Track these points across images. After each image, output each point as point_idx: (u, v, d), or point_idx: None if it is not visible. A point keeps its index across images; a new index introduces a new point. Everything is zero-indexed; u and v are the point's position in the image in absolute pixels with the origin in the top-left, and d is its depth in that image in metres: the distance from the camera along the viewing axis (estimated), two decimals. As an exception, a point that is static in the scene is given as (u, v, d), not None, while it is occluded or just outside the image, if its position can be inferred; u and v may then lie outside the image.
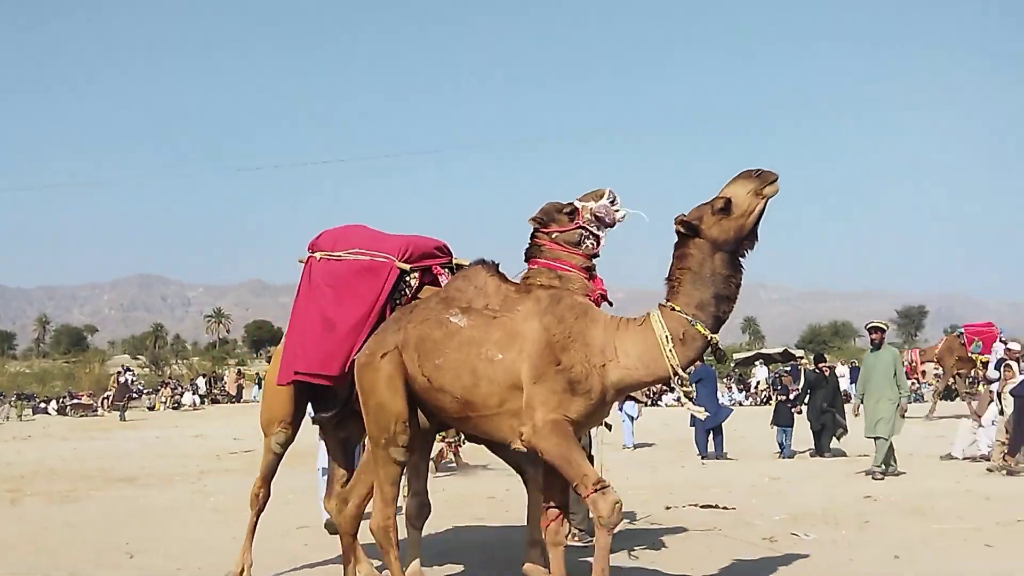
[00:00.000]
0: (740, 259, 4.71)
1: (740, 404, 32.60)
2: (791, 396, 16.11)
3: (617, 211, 5.18)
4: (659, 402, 31.74)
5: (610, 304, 5.23)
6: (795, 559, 7.00)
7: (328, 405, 6.14)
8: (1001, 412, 12.74)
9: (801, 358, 36.78)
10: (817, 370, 15.91)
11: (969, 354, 21.30)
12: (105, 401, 36.27)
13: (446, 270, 6.13)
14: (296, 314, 6.32)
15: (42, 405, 36.39)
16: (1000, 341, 17.99)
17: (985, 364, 18.95)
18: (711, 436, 15.40)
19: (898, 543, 7.59)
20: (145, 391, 39.32)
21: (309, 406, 6.43)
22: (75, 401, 36.47)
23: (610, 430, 9.67)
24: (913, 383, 26.23)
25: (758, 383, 36.69)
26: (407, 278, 5.95)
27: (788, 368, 32.17)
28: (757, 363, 40.15)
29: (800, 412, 15.47)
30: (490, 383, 4.68)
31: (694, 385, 12.01)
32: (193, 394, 39.44)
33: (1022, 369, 13.32)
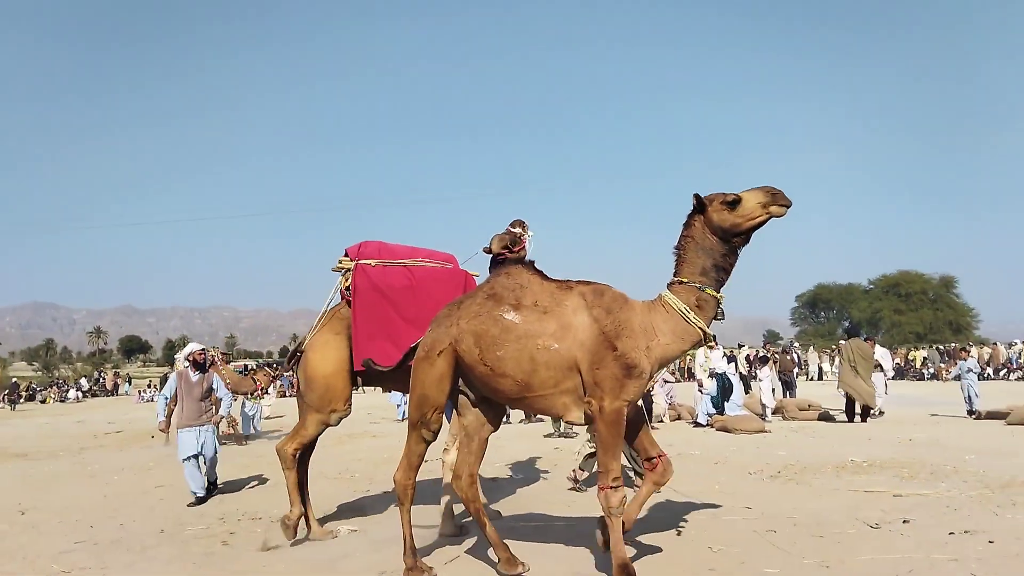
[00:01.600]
0: (735, 247, 4.70)
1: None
2: None
3: (530, 234, 6.48)
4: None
5: None
6: (509, 488, 8.31)
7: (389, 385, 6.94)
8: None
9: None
10: None
11: None
12: (4, 397, 37.08)
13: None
14: (365, 310, 6.45)
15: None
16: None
17: None
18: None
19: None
20: (39, 389, 41.23)
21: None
22: (-20, 398, 37.46)
23: None
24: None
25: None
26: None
27: None
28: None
29: None
30: (547, 369, 4.61)
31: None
32: (77, 391, 40.92)
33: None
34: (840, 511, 6.62)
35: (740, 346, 38.74)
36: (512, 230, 6.51)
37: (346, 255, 6.82)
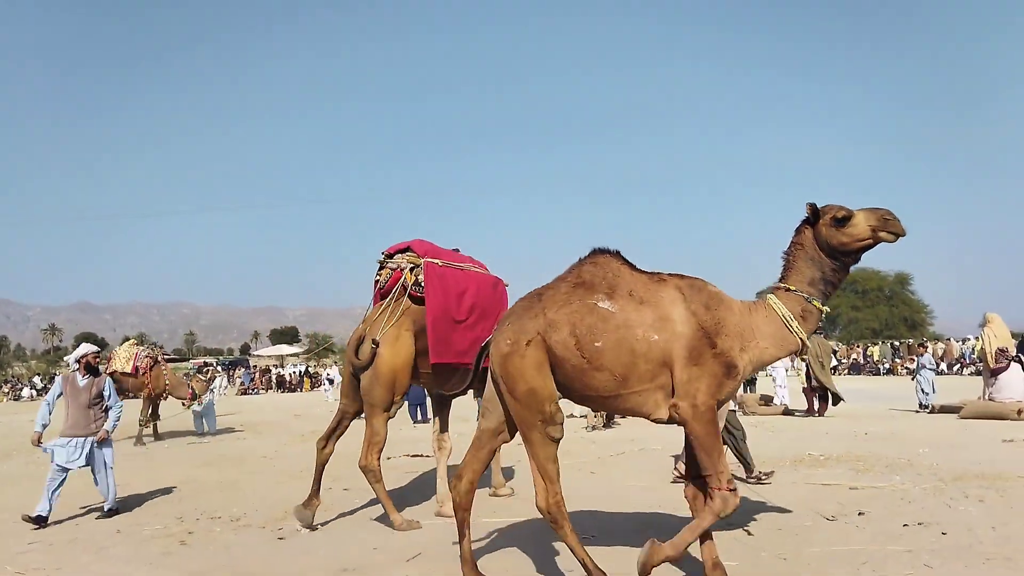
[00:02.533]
0: (845, 264, 4.58)
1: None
2: None
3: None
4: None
5: None
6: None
7: (455, 383, 6.72)
8: None
9: None
10: None
11: None
12: None
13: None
14: (439, 310, 6.71)
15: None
16: None
17: None
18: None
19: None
20: None
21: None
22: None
23: None
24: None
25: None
26: None
27: None
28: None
29: None
30: (647, 362, 4.35)
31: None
32: (31, 389, 39.90)
33: None
34: (798, 504, 6.72)
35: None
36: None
37: (396, 252, 7.11)
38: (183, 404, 16.18)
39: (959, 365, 33.35)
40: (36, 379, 45.59)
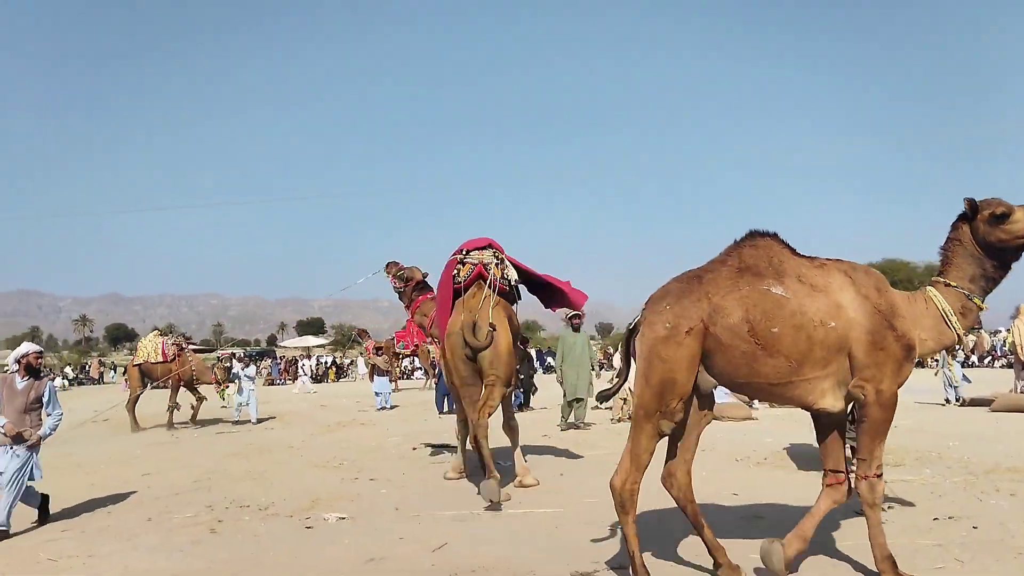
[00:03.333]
0: (1006, 262, 4.47)
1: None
2: None
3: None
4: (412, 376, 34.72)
5: None
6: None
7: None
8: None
9: None
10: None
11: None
12: None
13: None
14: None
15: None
16: None
17: None
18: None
19: (562, 465, 9.07)
20: None
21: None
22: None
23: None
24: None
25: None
26: None
27: None
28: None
29: None
30: (823, 348, 4.24)
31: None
32: (63, 379, 40.45)
33: None
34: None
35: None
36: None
37: (474, 249, 7.96)
38: (219, 397, 16.56)
39: (990, 358, 32.84)
40: (68, 369, 46.63)
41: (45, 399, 7.10)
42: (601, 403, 13.54)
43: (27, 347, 7.31)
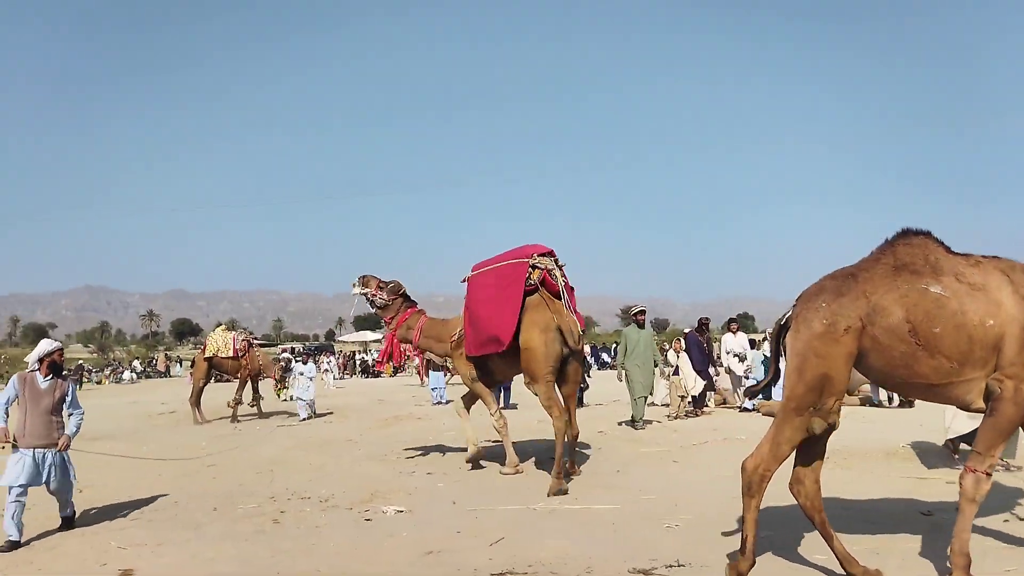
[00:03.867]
0: None
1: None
2: None
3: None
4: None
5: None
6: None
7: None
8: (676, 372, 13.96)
9: None
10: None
11: None
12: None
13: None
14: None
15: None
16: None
17: None
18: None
19: (619, 461, 9.04)
20: (94, 371, 42.05)
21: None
22: (39, 379, 39.95)
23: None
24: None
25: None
26: None
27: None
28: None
29: None
30: (982, 348, 4.19)
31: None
32: (131, 372, 41.81)
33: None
34: (891, 498, 6.51)
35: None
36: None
37: (539, 254, 8.26)
38: (277, 393, 16.96)
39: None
40: (136, 363, 48.12)
41: (68, 399, 6.66)
42: (751, 399, 13.52)
43: (50, 344, 6.70)
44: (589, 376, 16.63)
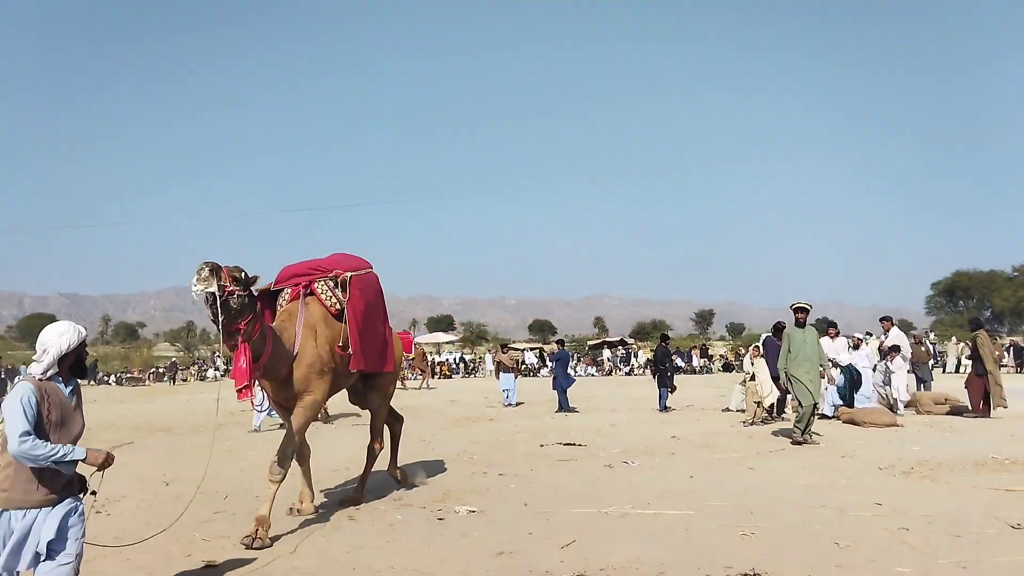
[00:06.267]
0: None
1: (592, 375, 38.33)
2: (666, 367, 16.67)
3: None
4: (537, 374, 37.15)
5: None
6: (625, 477, 8.35)
7: None
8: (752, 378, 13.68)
9: (631, 343, 47.56)
10: (665, 346, 16.99)
11: None
12: (151, 376, 43.20)
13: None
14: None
15: (105, 378, 41.92)
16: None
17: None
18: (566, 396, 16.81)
19: (692, 467, 8.93)
20: (181, 368, 45.31)
21: None
22: (129, 375, 43.51)
23: None
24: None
25: (606, 360, 42.19)
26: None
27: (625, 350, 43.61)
28: (604, 347, 46.18)
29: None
30: None
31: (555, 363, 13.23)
32: (215, 370, 43.32)
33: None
34: (979, 510, 6.26)
35: (868, 335, 37.02)
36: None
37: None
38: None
39: None
40: (219, 361, 49.73)
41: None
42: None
43: (75, 330, 3.88)
44: (673, 382, 16.41)
